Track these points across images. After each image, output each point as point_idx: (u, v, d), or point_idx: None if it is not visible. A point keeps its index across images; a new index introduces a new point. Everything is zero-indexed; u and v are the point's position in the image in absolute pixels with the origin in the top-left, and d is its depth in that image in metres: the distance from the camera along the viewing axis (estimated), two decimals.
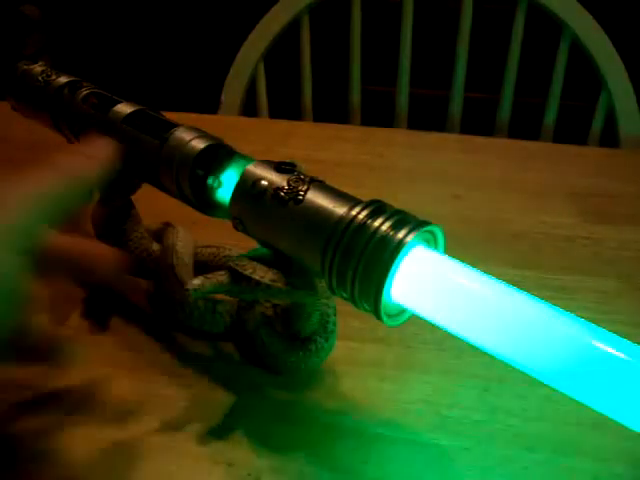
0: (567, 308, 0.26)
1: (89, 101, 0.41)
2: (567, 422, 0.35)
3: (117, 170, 0.37)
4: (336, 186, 0.31)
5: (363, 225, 0.28)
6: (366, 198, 0.30)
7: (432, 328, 0.29)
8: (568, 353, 0.24)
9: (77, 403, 0.36)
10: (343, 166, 0.61)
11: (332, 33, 1.11)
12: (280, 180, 0.31)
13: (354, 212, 0.29)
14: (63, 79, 0.44)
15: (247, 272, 0.32)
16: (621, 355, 0.23)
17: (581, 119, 0.98)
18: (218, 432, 0.34)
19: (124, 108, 0.39)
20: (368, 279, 0.28)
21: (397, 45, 0.93)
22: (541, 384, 0.26)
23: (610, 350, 0.24)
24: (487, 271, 0.28)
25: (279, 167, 0.32)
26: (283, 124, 0.71)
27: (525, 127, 0.89)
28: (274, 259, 0.32)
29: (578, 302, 0.44)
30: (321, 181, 0.32)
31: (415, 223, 0.28)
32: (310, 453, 0.33)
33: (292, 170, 0.32)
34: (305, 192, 0.30)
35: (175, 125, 0.37)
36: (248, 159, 0.34)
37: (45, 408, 0.36)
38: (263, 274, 0.32)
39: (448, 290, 0.27)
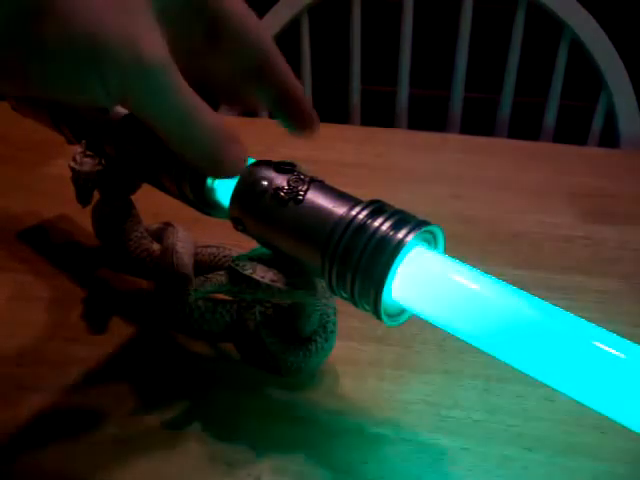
0: (567, 308, 0.26)
1: None
2: (567, 422, 0.35)
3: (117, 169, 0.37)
4: (336, 186, 0.31)
5: (363, 225, 0.28)
6: (366, 198, 0.30)
7: (432, 328, 0.29)
8: (568, 353, 0.24)
9: (77, 403, 0.36)
10: (343, 166, 0.61)
11: (332, 33, 1.11)
12: (280, 180, 0.31)
13: (354, 212, 0.29)
14: None
15: (247, 272, 0.32)
16: (621, 355, 0.23)
17: (581, 119, 0.97)
18: (218, 432, 0.34)
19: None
20: (368, 279, 0.28)
21: (397, 45, 0.93)
22: (541, 384, 0.26)
23: (610, 350, 0.24)
24: (487, 271, 0.28)
25: (279, 167, 0.32)
26: None
27: (525, 127, 0.89)
28: (274, 259, 0.32)
29: (578, 302, 0.44)
30: (321, 181, 0.32)
31: (415, 223, 0.28)
32: (310, 453, 0.33)
33: (292, 170, 0.32)
34: (305, 192, 0.30)
35: None
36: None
37: (45, 408, 0.36)
38: (263, 274, 0.32)
39: (448, 290, 0.27)
